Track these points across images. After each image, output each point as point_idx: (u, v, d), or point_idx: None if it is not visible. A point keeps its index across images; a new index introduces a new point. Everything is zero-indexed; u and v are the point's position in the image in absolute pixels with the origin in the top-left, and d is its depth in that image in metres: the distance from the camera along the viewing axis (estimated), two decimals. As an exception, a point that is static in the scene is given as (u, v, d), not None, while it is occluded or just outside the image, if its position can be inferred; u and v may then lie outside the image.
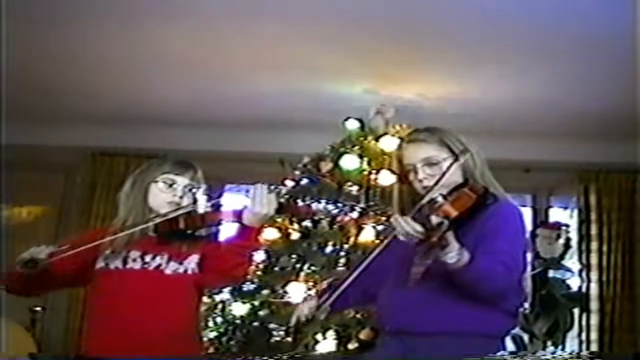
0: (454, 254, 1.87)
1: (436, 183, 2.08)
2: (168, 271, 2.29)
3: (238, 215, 2.26)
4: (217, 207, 2.31)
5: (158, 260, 2.30)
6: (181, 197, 2.36)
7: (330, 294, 2.12)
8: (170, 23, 3.81)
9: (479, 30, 3.71)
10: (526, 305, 4.52)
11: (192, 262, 2.31)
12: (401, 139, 2.68)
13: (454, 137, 2.21)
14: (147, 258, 2.31)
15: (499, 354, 2.07)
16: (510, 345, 4.14)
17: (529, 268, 4.27)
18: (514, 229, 2.11)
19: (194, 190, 2.36)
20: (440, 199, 1.97)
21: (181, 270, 2.30)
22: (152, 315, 2.24)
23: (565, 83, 4.36)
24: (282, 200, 2.30)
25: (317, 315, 2.13)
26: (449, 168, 2.10)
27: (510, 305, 2.11)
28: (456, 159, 2.13)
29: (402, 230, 1.90)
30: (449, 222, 1.87)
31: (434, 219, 1.83)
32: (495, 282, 1.98)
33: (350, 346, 3.63)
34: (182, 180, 2.38)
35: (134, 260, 2.31)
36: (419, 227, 1.85)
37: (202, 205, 2.29)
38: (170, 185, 2.38)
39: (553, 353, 4.46)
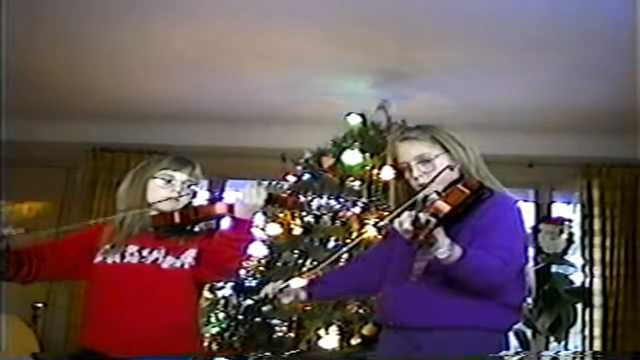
0: (444, 250, 1.87)
1: (431, 181, 2.09)
2: (165, 265, 2.30)
3: (230, 209, 2.27)
4: (211, 202, 2.32)
5: (155, 254, 2.31)
6: (179, 193, 2.36)
7: None
8: (171, 19, 3.80)
9: (481, 25, 3.69)
10: (529, 300, 4.51)
11: (189, 257, 2.31)
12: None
13: (445, 134, 2.22)
14: (145, 252, 2.32)
15: (502, 352, 2.07)
16: (513, 340, 4.12)
17: (531, 262, 4.25)
18: (510, 222, 2.11)
19: (192, 186, 2.37)
20: (434, 195, 1.97)
21: (178, 264, 2.30)
22: (149, 309, 2.25)
23: (568, 78, 4.33)
24: (271, 192, 2.33)
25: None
26: (449, 168, 2.12)
27: (512, 299, 2.11)
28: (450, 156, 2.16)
29: (399, 224, 1.89)
30: (439, 218, 1.87)
31: (422, 217, 1.82)
32: (490, 276, 1.98)
33: (353, 342, 3.62)
34: (180, 176, 2.38)
35: (132, 254, 2.32)
36: (407, 225, 1.84)
37: (201, 201, 2.30)
38: (169, 182, 2.38)
39: (557, 352, 4.46)
